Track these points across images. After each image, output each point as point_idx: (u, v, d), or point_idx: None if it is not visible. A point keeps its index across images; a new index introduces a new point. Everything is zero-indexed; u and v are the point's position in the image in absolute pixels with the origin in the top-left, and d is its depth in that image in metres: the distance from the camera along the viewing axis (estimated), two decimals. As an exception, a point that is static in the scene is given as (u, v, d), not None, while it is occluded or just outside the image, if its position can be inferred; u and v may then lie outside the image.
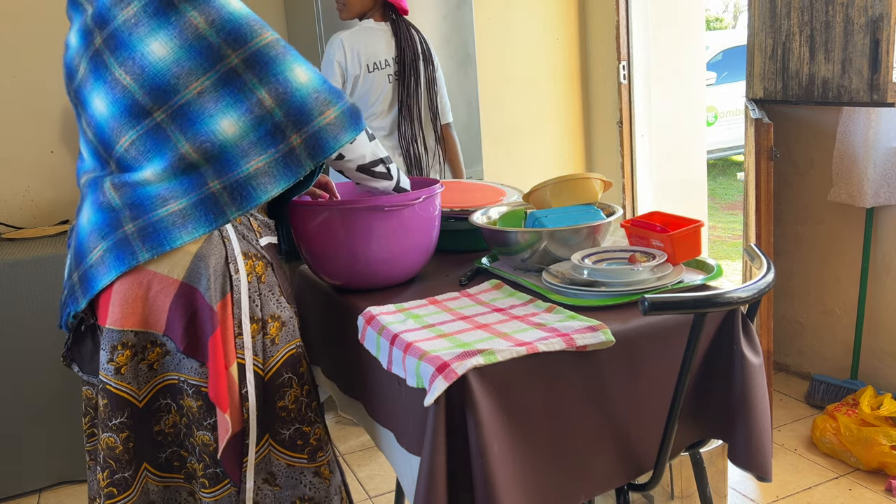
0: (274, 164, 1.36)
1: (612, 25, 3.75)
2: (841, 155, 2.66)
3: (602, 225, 1.49)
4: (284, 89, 1.35)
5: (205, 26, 1.34)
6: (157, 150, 1.36)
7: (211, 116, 1.34)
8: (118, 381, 1.38)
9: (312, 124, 1.36)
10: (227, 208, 1.35)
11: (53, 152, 3.03)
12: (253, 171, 1.35)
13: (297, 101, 1.36)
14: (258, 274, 1.42)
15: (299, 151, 1.36)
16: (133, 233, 1.35)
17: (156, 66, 1.34)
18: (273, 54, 1.36)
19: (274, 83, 1.35)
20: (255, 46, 1.35)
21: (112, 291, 1.37)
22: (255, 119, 1.35)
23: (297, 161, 1.37)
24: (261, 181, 1.36)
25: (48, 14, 2.96)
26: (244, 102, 1.35)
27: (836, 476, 2.32)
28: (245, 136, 1.35)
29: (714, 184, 7.65)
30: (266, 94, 1.35)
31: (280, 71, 1.36)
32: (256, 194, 1.36)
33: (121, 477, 1.39)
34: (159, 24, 1.35)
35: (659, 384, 1.28)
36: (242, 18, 1.36)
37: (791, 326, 3.04)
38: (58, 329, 2.53)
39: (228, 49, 1.34)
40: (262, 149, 1.35)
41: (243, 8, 1.39)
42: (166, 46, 1.34)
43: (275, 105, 1.35)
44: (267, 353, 1.42)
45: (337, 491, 1.51)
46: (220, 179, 1.35)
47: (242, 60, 1.35)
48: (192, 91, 1.34)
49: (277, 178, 1.36)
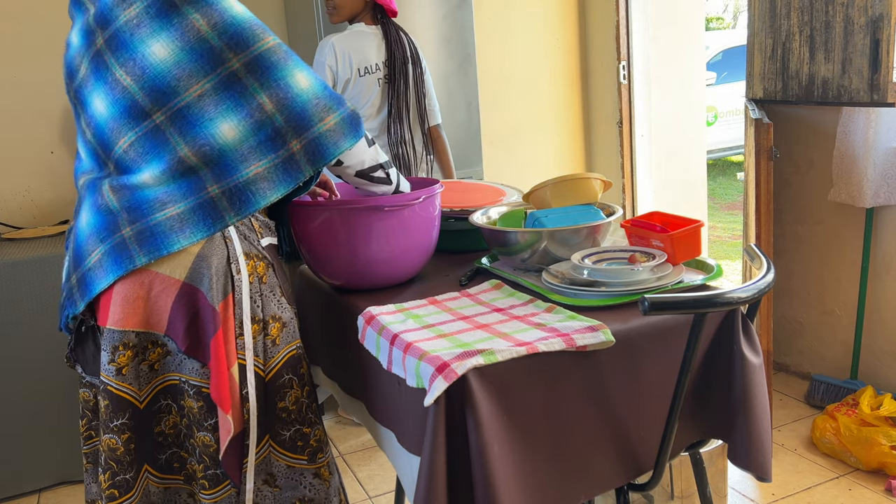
0: (273, 170, 1.35)
1: (612, 25, 3.75)
2: (841, 155, 2.66)
3: (602, 225, 1.49)
4: (285, 95, 1.34)
5: (207, 29, 1.34)
6: (155, 153, 1.36)
7: (211, 120, 1.34)
8: (119, 382, 1.37)
9: (312, 130, 1.35)
10: (226, 213, 1.35)
11: (53, 152, 3.03)
12: (252, 176, 1.34)
13: (297, 107, 1.35)
14: (259, 274, 1.42)
15: (299, 157, 1.36)
16: (131, 236, 1.35)
17: (156, 68, 1.34)
18: (275, 59, 1.35)
19: (275, 88, 1.34)
20: (257, 51, 1.35)
21: (113, 292, 1.36)
22: (256, 124, 1.34)
23: (297, 167, 1.36)
24: (260, 186, 1.35)
25: (48, 14, 2.96)
26: (244, 107, 1.34)
27: (836, 476, 2.32)
28: (245, 140, 1.34)
29: (714, 184, 7.65)
30: (267, 98, 1.34)
31: (281, 76, 1.35)
32: (255, 199, 1.35)
33: (122, 479, 1.39)
34: (161, 26, 1.34)
35: (659, 384, 1.28)
36: (245, 22, 1.36)
37: (791, 326, 3.04)
38: (58, 329, 2.53)
39: (230, 53, 1.34)
40: (261, 154, 1.35)
41: (245, 12, 1.38)
42: (167, 48, 1.33)
43: (275, 110, 1.34)
44: (268, 353, 1.42)
45: (336, 492, 1.50)
46: (218, 184, 1.34)
47: (244, 65, 1.34)
48: (193, 94, 1.34)
49: (276, 183, 1.36)
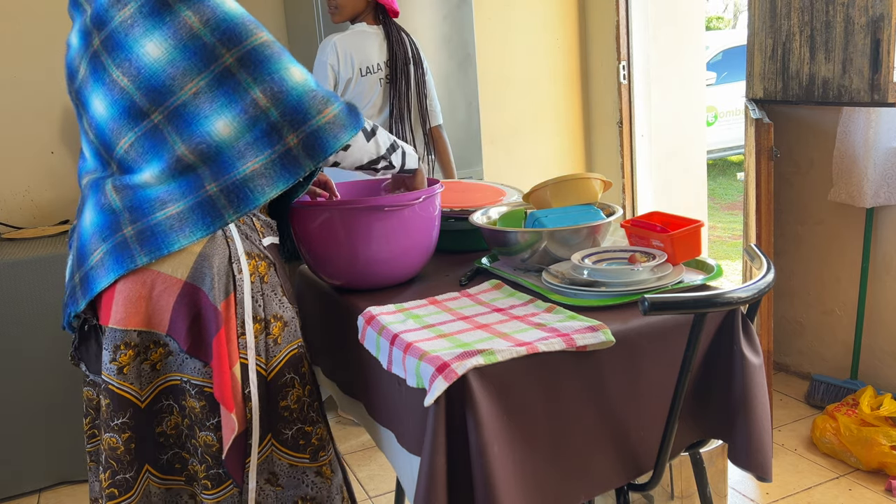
0: (271, 166, 1.34)
1: (612, 25, 3.75)
2: (841, 155, 2.66)
3: (602, 225, 1.49)
4: (280, 88, 1.34)
5: (199, 26, 1.33)
6: (155, 152, 1.36)
7: (206, 117, 1.33)
8: (120, 381, 1.37)
9: (310, 123, 1.35)
10: (225, 211, 1.34)
11: (53, 152, 3.03)
12: (249, 172, 1.34)
13: (293, 100, 1.34)
14: (261, 274, 1.41)
15: (297, 152, 1.35)
16: (132, 236, 1.35)
17: (151, 67, 1.33)
18: (268, 53, 1.35)
19: (269, 82, 1.33)
20: (250, 45, 1.34)
21: (115, 291, 1.36)
22: (250, 119, 1.33)
23: (295, 161, 1.35)
24: (258, 183, 1.34)
25: (48, 14, 2.96)
26: (238, 102, 1.33)
27: (836, 476, 2.32)
28: (240, 136, 1.34)
29: (714, 184, 7.65)
30: (261, 93, 1.33)
31: (275, 70, 1.34)
32: (254, 196, 1.34)
33: (122, 478, 1.39)
34: (154, 25, 1.34)
35: (659, 384, 1.28)
36: (237, 18, 1.35)
37: (791, 326, 3.04)
38: (58, 329, 2.53)
39: (223, 48, 1.33)
40: (258, 150, 1.34)
41: (238, 8, 1.38)
42: (161, 47, 1.33)
43: (270, 104, 1.33)
44: (269, 353, 1.42)
45: (339, 490, 1.50)
46: (216, 182, 1.34)
47: (237, 60, 1.33)
48: (188, 92, 1.33)
49: (275, 179, 1.35)
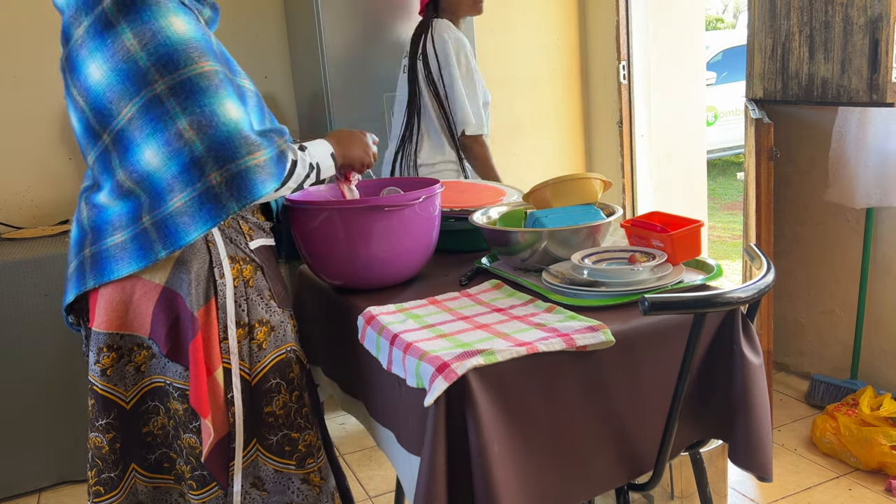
0: (191, 203, 1.26)
1: (612, 25, 3.75)
2: (836, 156, 2.67)
3: (602, 225, 1.49)
4: (208, 121, 1.25)
5: (136, 49, 1.25)
6: (108, 174, 1.33)
7: (137, 145, 1.28)
8: (104, 383, 1.38)
9: (238, 163, 1.25)
10: (156, 245, 1.29)
11: (53, 153, 3.03)
12: (174, 209, 1.27)
13: (220, 136, 1.25)
14: (245, 278, 1.40)
15: (220, 190, 1.25)
16: (87, 258, 1.35)
17: (94, 90, 1.29)
18: (204, 85, 1.26)
19: (198, 114, 1.24)
20: (186, 74, 1.25)
21: (98, 295, 1.37)
22: (173, 151, 1.26)
23: (218, 201, 1.26)
24: (182, 220, 1.27)
25: (48, 14, 2.95)
26: (164, 132, 1.25)
27: (836, 476, 2.32)
28: (165, 168, 1.27)
29: (714, 184, 7.65)
30: (187, 124, 1.25)
31: (207, 102, 1.25)
32: (179, 235, 1.27)
33: (107, 476, 1.39)
34: (96, 46, 1.28)
35: (659, 384, 1.28)
36: (180, 44, 1.26)
37: (791, 326, 3.04)
38: (58, 329, 2.53)
39: (156, 74, 1.25)
40: (183, 184, 1.26)
41: (189, 33, 1.28)
42: (101, 69, 1.28)
43: (195, 137, 1.25)
44: (254, 357, 1.40)
45: (329, 498, 1.49)
46: (150, 214, 1.29)
47: (168, 87, 1.25)
48: (124, 117, 1.28)
49: (196, 219, 1.27)
